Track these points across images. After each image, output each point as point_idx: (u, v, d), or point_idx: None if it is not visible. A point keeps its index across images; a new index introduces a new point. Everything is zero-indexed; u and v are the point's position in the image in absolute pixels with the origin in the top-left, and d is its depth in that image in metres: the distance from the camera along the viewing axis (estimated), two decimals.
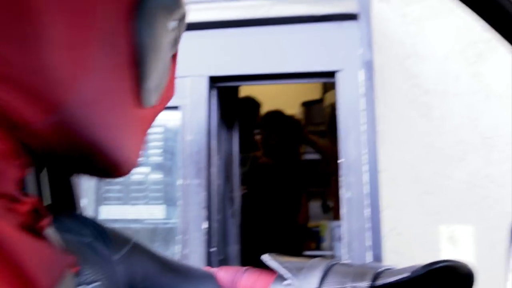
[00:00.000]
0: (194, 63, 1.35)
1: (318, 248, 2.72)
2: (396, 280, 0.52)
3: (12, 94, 0.29)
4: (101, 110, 0.35)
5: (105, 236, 0.49)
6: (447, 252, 1.35)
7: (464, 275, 0.51)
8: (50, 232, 0.35)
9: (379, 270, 0.56)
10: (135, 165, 0.43)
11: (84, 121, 0.34)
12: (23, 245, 0.29)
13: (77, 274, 0.38)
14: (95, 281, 0.42)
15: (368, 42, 1.25)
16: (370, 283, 0.54)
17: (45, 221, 0.33)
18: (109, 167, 0.40)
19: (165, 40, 0.41)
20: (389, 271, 0.56)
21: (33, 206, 0.32)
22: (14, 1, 0.28)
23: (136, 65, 0.37)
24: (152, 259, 0.57)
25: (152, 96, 0.41)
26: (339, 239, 2.35)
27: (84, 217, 0.49)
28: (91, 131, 0.35)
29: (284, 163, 2.49)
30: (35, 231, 0.32)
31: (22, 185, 0.33)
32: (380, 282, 0.54)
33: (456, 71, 1.36)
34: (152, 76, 0.39)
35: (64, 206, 0.51)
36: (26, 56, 0.29)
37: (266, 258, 0.66)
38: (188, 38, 1.36)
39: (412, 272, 0.51)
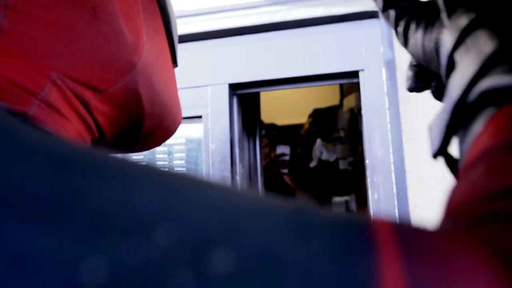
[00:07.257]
0: (213, 72, 1.35)
1: None
2: None
3: (90, 64, 0.32)
4: (156, 69, 0.40)
5: None
6: None
7: None
8: None
9: None
10: (180, 121, 0.48)
11: (147, 80, 0.38)
12: None
13: None
14: None
15: (389, 40, 1.24)
16: None
17: None
18: (168, 125, 0.44)
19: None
20: None
21: None
22: None
23: (166, 27, 0.43)
24: None
25: (177, 57, 0.46)
26: None
27: None
28: (152, 89, 0.39)
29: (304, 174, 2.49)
30: None
31: None
32: None
33: None
34: (176, 37, 0.45)
35: None
36: (98, 25, 0.32)
37: None
38: (206, 47, 1.37)
39: None
